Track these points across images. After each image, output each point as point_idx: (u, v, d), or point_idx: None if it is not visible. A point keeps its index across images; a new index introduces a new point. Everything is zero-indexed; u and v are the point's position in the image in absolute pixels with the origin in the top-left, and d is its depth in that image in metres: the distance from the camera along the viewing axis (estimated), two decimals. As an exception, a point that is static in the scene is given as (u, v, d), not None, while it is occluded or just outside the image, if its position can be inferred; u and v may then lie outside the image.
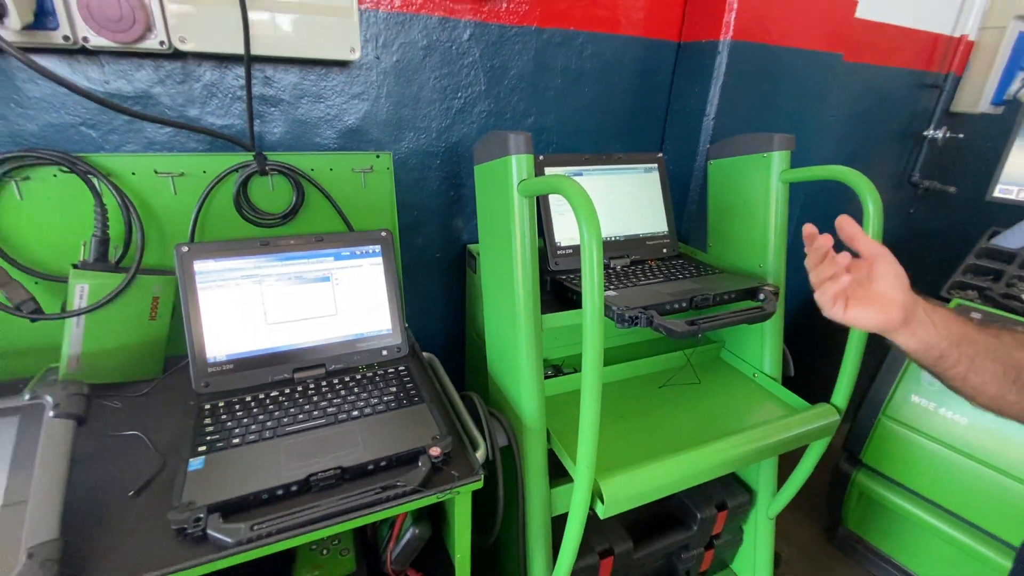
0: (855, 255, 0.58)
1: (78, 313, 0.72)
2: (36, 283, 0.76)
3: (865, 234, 0.58)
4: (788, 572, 1.65)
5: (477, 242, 1.06)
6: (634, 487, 0.71)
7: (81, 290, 0.72)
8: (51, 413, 0.55)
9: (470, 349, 1.16)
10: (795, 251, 1.38)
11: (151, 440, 0.68)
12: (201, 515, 0.54)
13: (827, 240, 0.58)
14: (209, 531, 0.53)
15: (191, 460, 0.61)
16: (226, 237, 0.84)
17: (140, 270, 0.75)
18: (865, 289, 0.57)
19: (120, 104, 0.75)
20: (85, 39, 0.67)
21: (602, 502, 0.69)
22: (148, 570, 0.51)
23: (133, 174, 0.77)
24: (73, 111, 0.76)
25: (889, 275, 0.56)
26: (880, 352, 1.48)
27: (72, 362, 0.74)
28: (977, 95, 1.73)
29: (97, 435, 0.68)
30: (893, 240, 1.87)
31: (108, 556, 0.52)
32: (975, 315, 1.36)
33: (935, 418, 1.35)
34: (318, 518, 0.56)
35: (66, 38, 0.67)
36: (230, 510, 0.56)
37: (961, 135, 1.74)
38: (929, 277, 1.60)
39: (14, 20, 0.59)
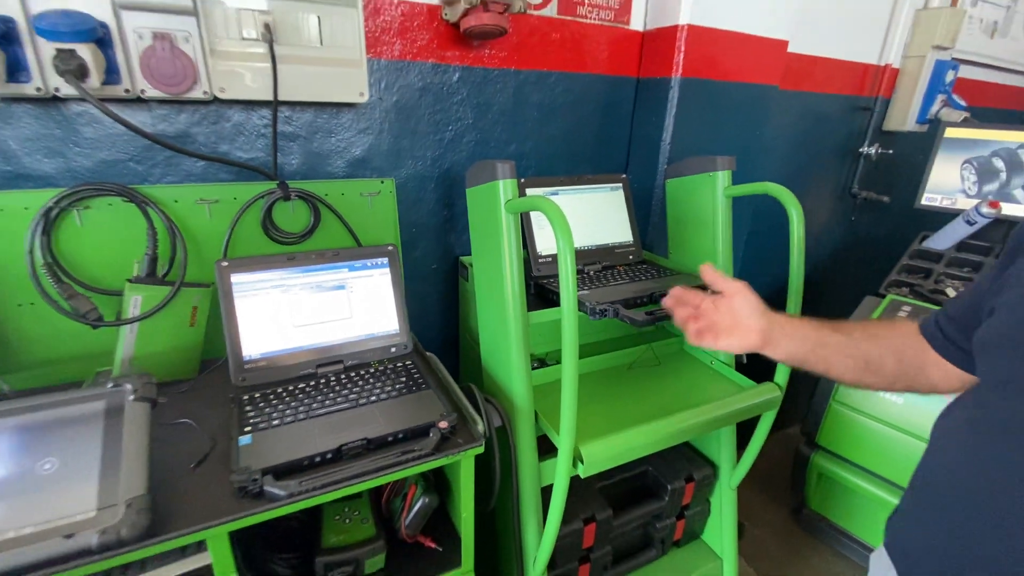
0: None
1: (132, 321, 0.84)
2: (91, 297, 0.88)
3: (724, 276, 0.73)
4: (758, 551, 1.80)
5: (468, 254, 1.21)
6: (608, 450, 0.85)
7: (135, 301, 0.85)
8: (131, 397, 0.68)
9: (464, 349, 1.30)
10: (745, 255, 1.56)
11: (199, 426, 0.80)
12: (257, 476, 0.67)
13: (675, 293, 0.76)
14: (265, 488, 0.66)
15: (240, 437, 0.74)
16: (253, 254, 0.97)
17: (183, 283, 0.88)
18: (729, 321, 0.71)
19: (170, 143, 0.88)
20: (143, 91, 0.81)
21: (582, 463, 0.83)
22: (218, 517, 0.63)
23: (176, 201, 0.91)
24: (123, 149, 0.90)
25: (745, 308, 0.70)
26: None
27: (125, 364, 0.86)
28: (904, 115, 1.96)
29: (151, 423, 0.79)
30: (838, 245, 2.09)
31: (185, 509, 0.64)
32: (906, 309, 1.56)
33: (876, 400, 1.53)
34: (352, 475, 0.70)
35: (127, 91, 0.81)
36: (279, 473, 0.69)
37: (892, 151, 1.96)
38: (870, 277, 1.80)
39: (95, 80, 0.73)
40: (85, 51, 0.72)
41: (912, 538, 0.56)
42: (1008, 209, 1.62)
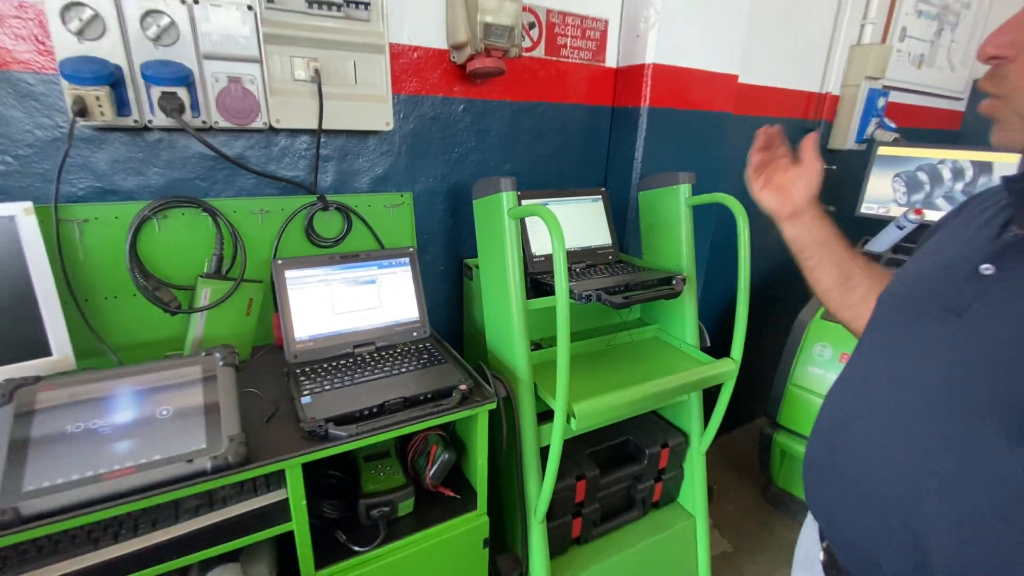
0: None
1: (204, 309, 1.02)
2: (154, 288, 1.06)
3: (814, 151, 0.81)
4: (730, 525, 2.00)
5: (472, 257, 1.41)
6: (595, 408, 1.05)
7: (206, 293, 1.03)
8: (220, 363, 0.86)
9: (467, 338, 1.49)
10: (710, 260, 1.77)
11: (262, 394, 0.98)
12: (322, 423, 0.85)
13: (776, 129, 0.84)
14: (329, 431, 0.84)
15: (302, 398, 0.92)
16: (297, 255, 1.15)
17: (243, 279, 1.06)
18: (783, 182, 0.81)
19: (252, 167, 1.07)
20: (216, 123, 1.01)
21: (574, 418, 1.03)
22: (293, 452, 0.81)
23: (235, 212, 1.09)
24: (192, 169, 1.08)
25: (801, 183, 0.79)
26: (782, 339, 1.90)
27: (195, 345, 1.04)
28: (844, 136, 2.25)
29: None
30: (785, 251, 2.33)
31: (268, 448, 0.82)
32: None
33: (825, 381, 1.76)
34: (395, 423, 0.88)
35: (204, 122, 1.00)
36: (338, 422, 0.87)
37: (836, 167, 2.24)
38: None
39: (188, 115, 0.92)
40: (183, 93, 0.91)
41: (805, 455, 0.70)
42: (931, 215, 1.88)
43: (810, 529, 0.76)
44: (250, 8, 0.97)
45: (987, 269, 0.55)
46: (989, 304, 0.53)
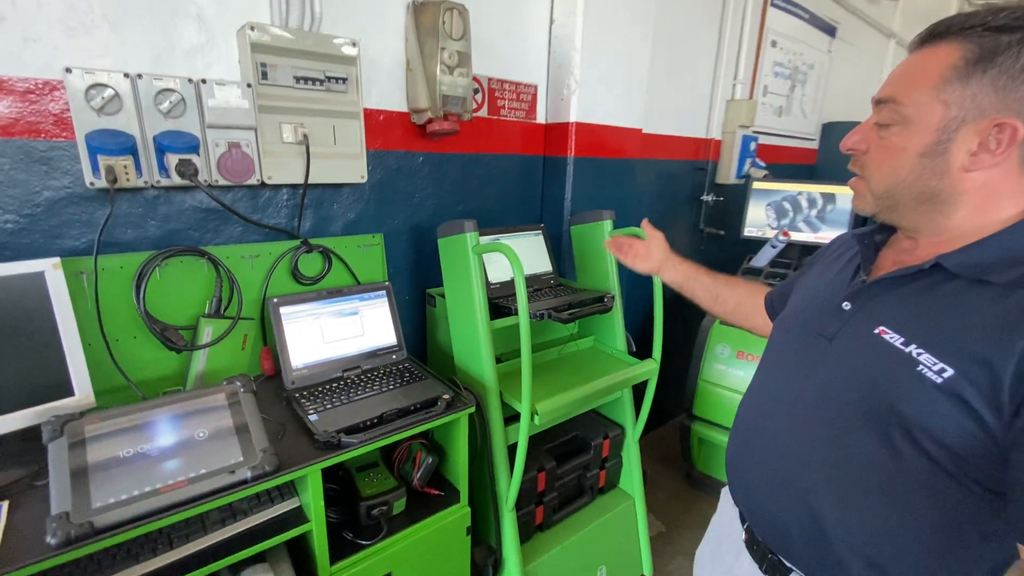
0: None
1: (206, 346, 1.14)
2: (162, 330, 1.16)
3: (651, 227, 1.17)
4: (661, 509, 2.30)
5: (433, 287, 1.62)
6: (553, 405, 1.29)
7: (208, 331, 1.14)
8: (242, 389, 0.99)
9: (432, 360, 1.68)
10: (628, 277, 2.09)
11: (268, 416, 1.11)
12: (334, 434, 1.01)
13: (613, 238, 1.23)
14: (342, 439, 1.00)
15: (310, 415, 1.07)
16: (282, 293, 1.29)
17: (240, 317, 1.19)
18: (644, 253, 1.17)
19: (245, 216, 1.21)
20: (216, 181, 1.15)
21: (537, 415, 1.26)
22: (313, 459, 0.96)
23: (227, 258, 1.22)
24: (186, 221, 1.20)
25: (654, 248, 1.15)
26: (692, 343, 2.26)
27: (197, 380, 1.15)
28: (727, 173, 2.72)
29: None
30: (697, 268, 2.76)
31: (289, 460, 0.96)
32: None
33: (728, 375, 2.13)
34: (396, 428, 1.06)
35: (204, 180, 1.14)
36: (346, 433, 1.03)
37: (723, 198, 2.71)
38: (717, 289, 2.46)
39: (213, 175, 1.06)
40: (196, 159, 1.05)
41: (727, 452, 0.88)
42: (795, 236, 2.36)
43: (726, 516, 0.92)
44: (249, 85, 1.13)
45: (847, 305, 0.70)
46: (849, 332, 0.69)
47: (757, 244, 2.47)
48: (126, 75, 1.01)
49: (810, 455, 0.70)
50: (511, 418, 1.37)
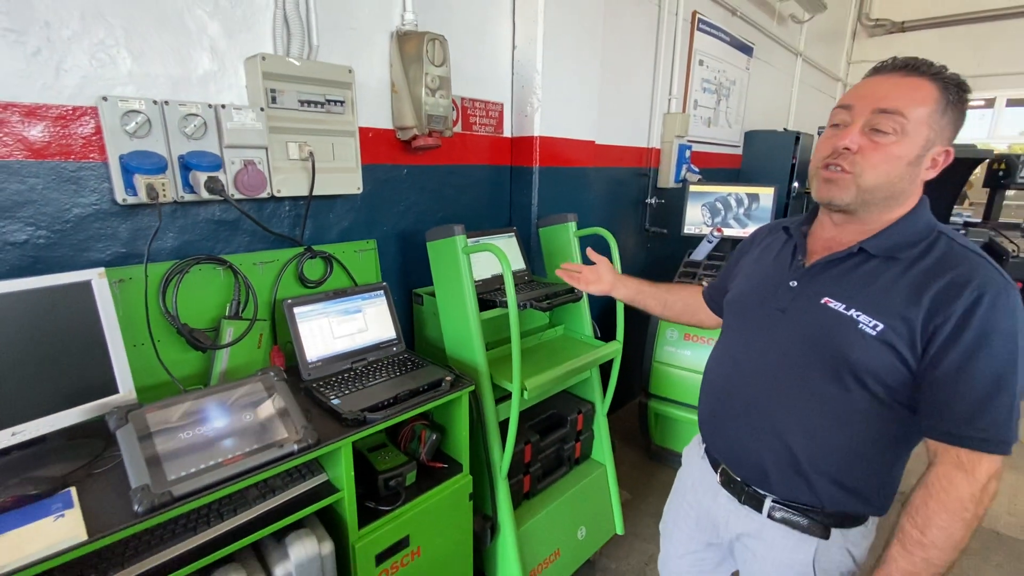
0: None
1: (228, 345, 1.25)
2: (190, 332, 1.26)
3: (597, 255, 1.36)
4: (626, 481, 2.55)
5: (419, 287, 1.78)
6: (539, 382, 1.49)
7: (229, 331, 1.26)
8: (276, 378, 1.12)
9: (421, 354, 1.83)
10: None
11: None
12: (360, 413, 1.16)
13: (564, 265, 1.39)
14: (367, 417, 1.15)
15: (333, 400, 1.21)
16: (291, 295, 1.42)
17: (256, 319, 1.31)
18: (594, 277, 1.33)
19: (264, 224, 1.32)
20: (232, 195, 1.26)
21: (527, 390, 1.45)
22: (344, 434, 1.11)
23: (240, 265, 1.34)
24: (199, 232, 1.31)
25: (604, 271, 1.32)
26: (644, 329, 2.54)
27: (221, 377, 1.26)
28: (667, 178, 3.05)
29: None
30: (642, 263, 3.07)
31: (324, 435, 1.10)
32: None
33: (677, 355, 2.42)
34: (411, 405, 1.22)
35: (221, 195, 1.25)
36: (369, 411, 1.18)
37: (664, 200, 3.03)
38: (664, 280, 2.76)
39: (230, 190, 1.18)
40: (220, 176, 1.17)
41: (701, 414, 1.09)
42: (728, 232, 2.70)
43: (694, 469, 1.13)
44: (262, 109, 1.26)
45: (794, 284, 0.91)
46: (799, 305, 0.88)
47: (695, 240, 2.80)
48: (155, 102, 1.12)
49: (782, 400, 0.90)
50: (500, 399, 1.56)
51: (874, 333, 0.79)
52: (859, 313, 0.81)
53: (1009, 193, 5.16)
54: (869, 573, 0.86)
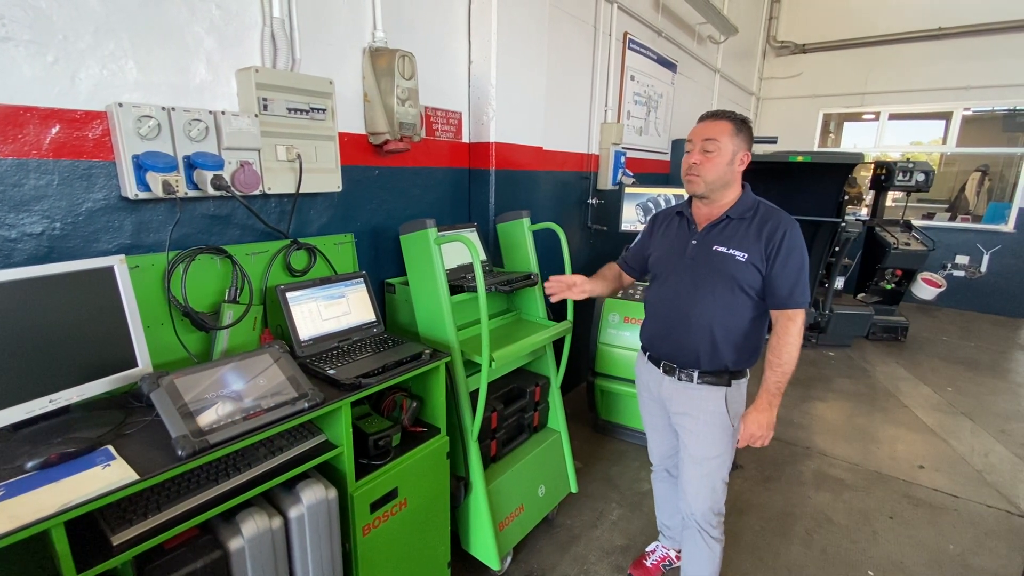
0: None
1: (229, 326, 1.40)
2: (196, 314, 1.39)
3: (571, 277, 1.64)
4: (576, 454, 2.83)
5: (392, 278, 1.96)
6: (505, 355, 1.72)
7: (229, 314, 1.40)
8: (280, 351, 1.28)
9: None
10: (541, 263, 2.57)
11: (289, 377, 1.39)
12: (355, 379, 1.34)
13: (552, 279, 1.65)
14: (362, 382, 1.34)
15: (328, 371, 1.39)
16: (279, 282, 1.57)
17: (251, 303, 1.46)
18: (578, 289, 1.62)
19: (261, 217, 1.46)
20: (232, 194, 1.41)
21: (494, 361, 1.68)
22: (343, 395, 1.29)
23: (236, 254, 1.48)
24: (196, 226, 1.44)
25: (579, 280, 1.62)
26: (590, 314, 2.84)
27: (222, 355, 1.40)
28: (606, 180, 3.38)
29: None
30: (586, 258, 3.39)
31: (328, 397, 1.28)
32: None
33: (619, 336, 2.73)
34: (399, 373, 1.42)
35: (219, 193, 1.39)
36: (362, 377, 1.37)
37: (604, 201, 3.36)
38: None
39: (210, 189, 1.33)
40: (223, 173, 1.32)
41: (648, 332, 1.63)
42: (658, 228, 3.06)
43: (643, 371, 1.72)
44: (256, 115, 1.42)
45: (694, 242, 1.50)
46: (701, 253, 1.47)
47: (631, 236, 3.12)
48: (163, 108, 1.26)
49: (705, 307, 1.46)
50: (470, 374, 1.78)
51: (743, 260, 1.41)
52: (734, 251, 1.43)
53: (898, 195, 6.02)
54: (751, 399, 1.51)
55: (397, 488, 1.49)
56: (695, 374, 1.51)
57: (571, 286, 1.65)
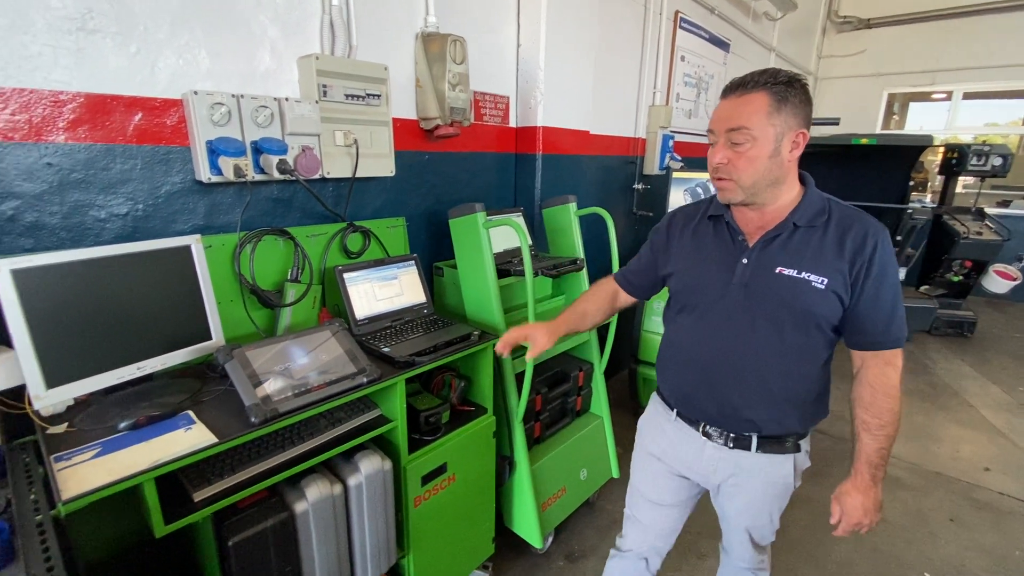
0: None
1: (292, 304, 1.47)
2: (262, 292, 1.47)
3: (523, 331, 1.27)
4: (617, 441, 2.83)
5: (440, 261, 2.00)
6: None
7: (292, 293, 1.47)
8: (339, 328, 1.35)
9: (442, 320, 2.06)
10: (586, 248, 2.56)
11: (346, 354, 1.46)
12: (409, 357, 1.39)
13: (504, 339, 1.27)
14: (415, 360, 1.39)
15: (384, 349, 1.44)
16: (336, 264, 1.63)
17: (311, 283, 1.53)
18: (537, 343, 1.24)
19: (322, 200, 1.53)
20: (295, 176, 1.48)
21: (540, 344, 1.70)
22: (398, 373, 1.34)
23: (297, 236, 1.55)
24: (261, 208, 1.52)
25: (535, 335, 1.25)
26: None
27: (285, 331, 1.47)
28: (652, 165, 3.31)
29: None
30: (630, 244, 3.34)
31: (384, 373, 1.33)
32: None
33: (662, 325, 2.70)
34: (450, 352, 1.46)
35: (283, 177, 1.46)
36: (416, 355, 1.41)
37: (650, 186, 3.29)
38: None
39: (276, 173, 1.39)
40: (287, 158, 1.38)
41: (680, 386, 1.20)
42: (707, 215, 2.98)
43: (663, 435, 1.27)
44: (316, 102, 1.47)
45: (745, 261, 1.05)
46: (758, 278, 1.04)
47: (679, 222, 3.06)
48: (232, 95, 1.33)
49: (763, 354, 1.06)
50: (515, 357, 1.81)
51: (823, 287, 0.99)
52: (808, 275, 1.00)
53: (968, 181, 5.61)
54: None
55: (446, 463, 1.54)
56: (753, 441, 1.12)
57: (516, 343, 1.29)
